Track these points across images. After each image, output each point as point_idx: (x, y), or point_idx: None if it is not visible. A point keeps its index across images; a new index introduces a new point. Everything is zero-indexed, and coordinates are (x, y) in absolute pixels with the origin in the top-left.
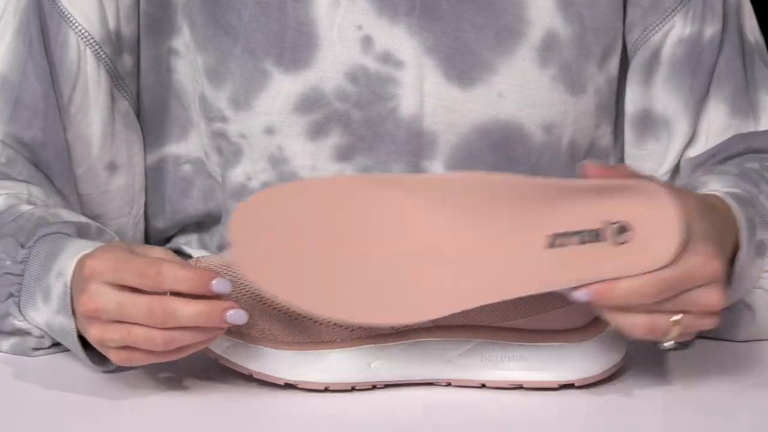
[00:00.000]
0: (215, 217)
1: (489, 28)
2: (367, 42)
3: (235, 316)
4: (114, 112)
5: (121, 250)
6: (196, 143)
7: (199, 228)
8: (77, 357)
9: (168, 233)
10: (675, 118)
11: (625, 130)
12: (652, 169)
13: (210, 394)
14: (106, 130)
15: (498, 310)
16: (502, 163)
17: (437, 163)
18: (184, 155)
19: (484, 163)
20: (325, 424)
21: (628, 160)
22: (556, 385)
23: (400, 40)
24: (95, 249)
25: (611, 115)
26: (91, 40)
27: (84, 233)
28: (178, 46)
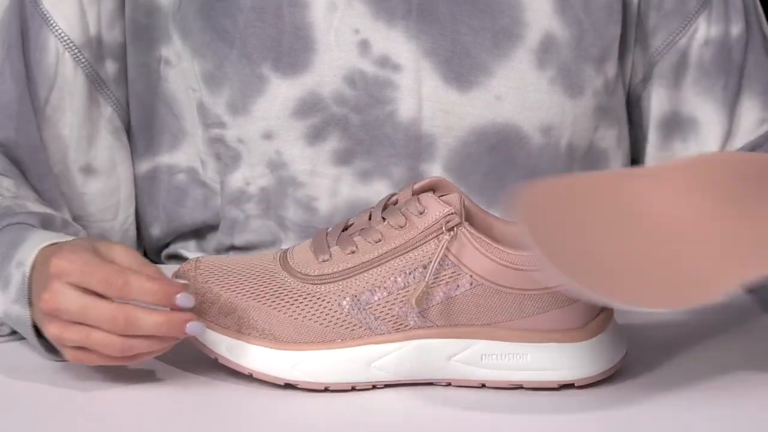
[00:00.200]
0: (212, 225)
1: (486, 31)
2: (364, 46)
3: (194, 327)
4: (95, 116)
5: (88, 252)
6: (190, 153)
7: (197, 235)
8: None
9: (164, 241)
10: (706, 120)
11: (648, 132)
12: None
13: (210, 394)
14: (82, 133)
15: (498, 310)
16: (501, 165)
17: (436, 165)
18: (177, 165)
19: (483, 166)
20: (325, 424)
21: (651, 162)
22: (556, 385)
23: (398, 44)
24: (62, 247)
25: (612, 118)
26: (71, 44)
27: (48, 224)
28: (168, 54)
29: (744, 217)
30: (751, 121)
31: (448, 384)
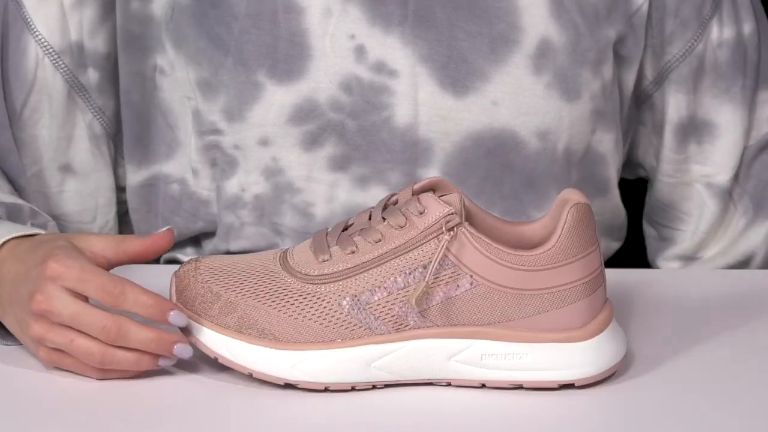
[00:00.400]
0: (207, 232)
1: (483, 36)
2: (360, 52)
3: (182, 350)
4: (73, 120)
5: (84, 258)
6: (182, 163)
7: (193, 242)
8: None
9: None
10: (724, 121)
11: (665, 137)
12: (695, 169)
13: (210, 394)
14: (61, 135)
15: (498, 310)
16: (498, 170)
17: (433, 170)
18: (172, 174)
19: (480, 171)
20: (325, 424)
21: (667, 164)
22: (556, 385)
23: (394, 50)
24: (59, 251)
25: (609, 121)
26: (50, 50)
27: (15, 215)
28: (163, 64)
29: None
30: (765, 115)
31: (448, 384)
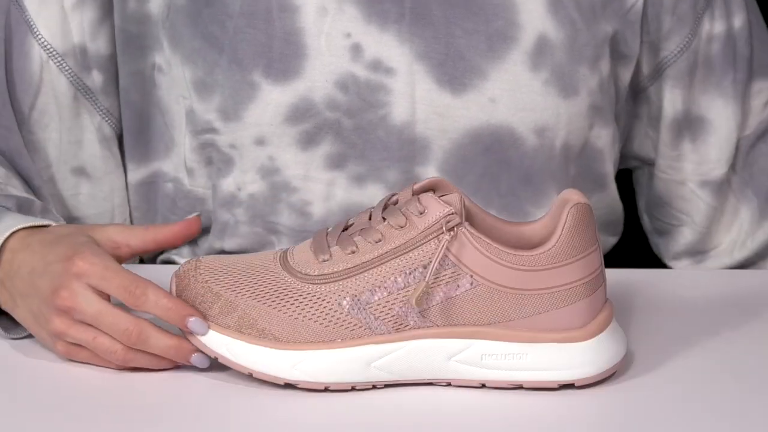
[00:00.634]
0: (204, 229)
1: (480, 34)
2: (356, 50)
3: (199, 359)
4: (82, 123)
5: (109, 256)
6: (177, 162)
7: (190, 241)
8: None
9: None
10: (716, 116)
11: (661, 132)
12: (689, 169)
13: (210, 394)
14: (71, 138)
15: (498, 310)
16: (496, 167)
17: (431, 168)
18: (168, 173)
19: (477, 168)
20: (325, 424)
21: (662, 160)
22: (556, 385)
23: (390, 48)
24: (86, 248)
25: (606, 116)
26: (54, 52)
27: (26, 208)
28: (161, 62)
29: None
30: (760, 105)
31: (448, 384)
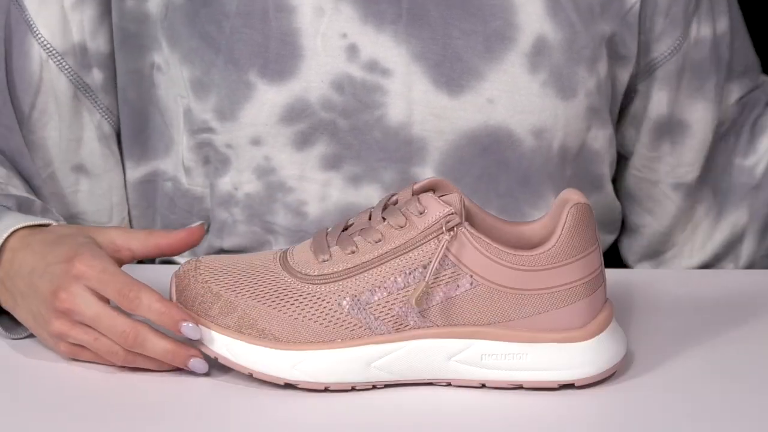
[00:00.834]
0: None
1: (478, 35)
2: (352, 50)
3: (197, 365)
4: (82, 121)
5: (108, 259)
6: (175, 161)
7: None
8: None
9: None
10: (696, 120)
11: (641, 133)
12: (665, 171)
13: (210, 394)
14: (72, 136)
15: (498, 310)
16: (493, 168)
17: (428, 169)
18: (167, 171)
19: (475, 169)
20: (325, 424)
21: (638, 159)
22: (556, 385)
23: (387, 48)
24: (86, 250)
25: (604, 117)
26: (53, 52)
27: (26, 208)
28: (160, 61)
29: None
30: (728, 105)
31: (448, 384)
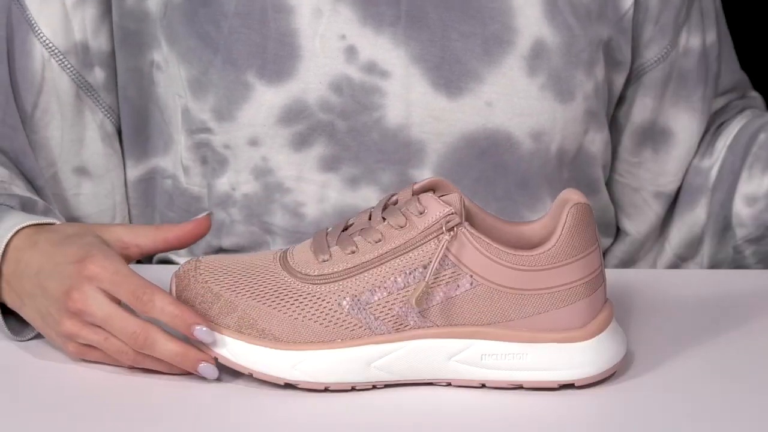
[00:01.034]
0: None
1: (476, 37)
2: (350, 52)
3: (206, 369)
4: (84, 121)
5: (120, 260)
6: (175, 159)
7: None
8: None
9: None
10: (681, 129)
11: (623, 137)
12: (646, 178)
13: (210, 395)
14: (74, 136)
15: (498, 310)
16: (491, 170)
17: (426, 171)
18: (167, 169)
19: (473, 171)
20: (325, 424)
21: (621, 164)
22: (556, 385)
23: (385, 50)
24: (97, 251)
25: (600, 121)
26: (55, 51)
27: (29, 208)
28: (159, 59)
29: None
30: (712, 113)
31: (448, 384)
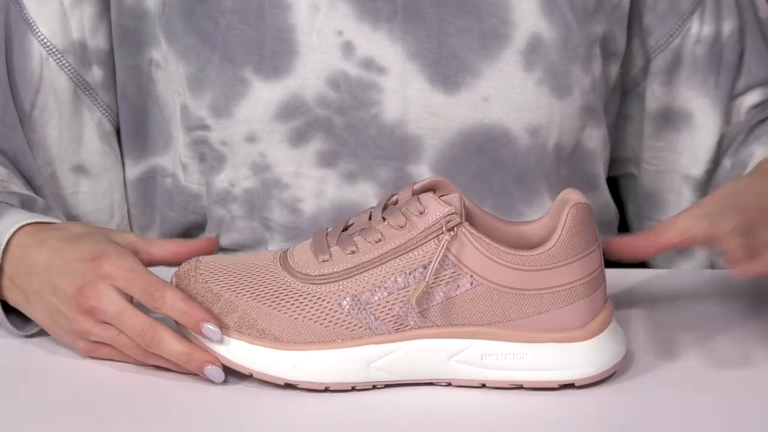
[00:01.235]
0: (199, 225)
1: (473, 32)
2: (348, 48)
3: (213, 372)
4: (82, 119)
5: (134, 258)
6: (174, 158)
7: (185, 237)
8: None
9: None
10: (700, 113)
11: (645, 126)
12: (670, 159)
13: (210, 394)
14: (71, 135)
15: (498, 310)
16: (488, 166)
17: (423, 167)
18: (167, 168)
19: (470, 167)
20: (326, 424)
21: (647, 152)
22: (556, 385)
23: (382, 46)
24: (111, 250)
25: (598, 116)
26: (53, 50)
27: (29, 205)
28: (158, 57)
29: None
30: (746, 108)
31: (449, 384)
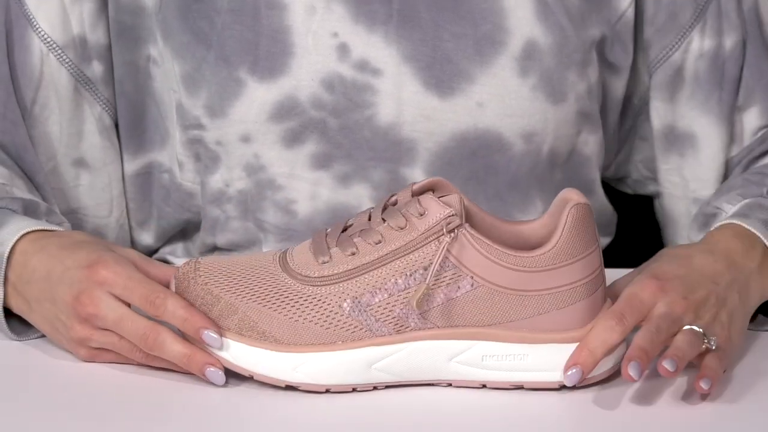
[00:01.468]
0: (195, 223)
1: (468, 38)
2: (343, 50)
3: (214, 375)
4: (82, 114)
5: (131, 266)
6: (171, 155)
7: (183, 236)
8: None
9: (155, 246)
10: (704, 133)
11: (654, 146)
12: (678, 182)
13: (210, 396)
14: (71, 130)
15: (499, 311)
16: (481, 171)
17: (417, 170)
18: (164, 164)
19: (463, 171)
20: (326, 425)
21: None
22: (556, 385)
23: (377, 49)
24: (108, 258)
25: (594, 122)
26: (54, 45)
27: (32, 211)
28: (155, 53)
29: None
30: (751, 127)
31: (449, 385)
